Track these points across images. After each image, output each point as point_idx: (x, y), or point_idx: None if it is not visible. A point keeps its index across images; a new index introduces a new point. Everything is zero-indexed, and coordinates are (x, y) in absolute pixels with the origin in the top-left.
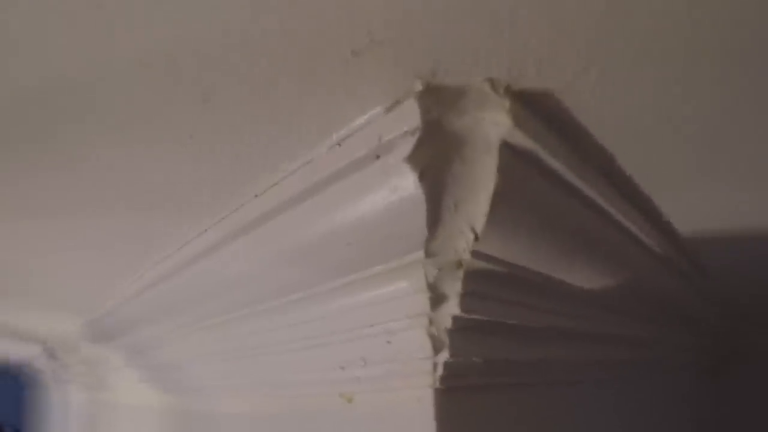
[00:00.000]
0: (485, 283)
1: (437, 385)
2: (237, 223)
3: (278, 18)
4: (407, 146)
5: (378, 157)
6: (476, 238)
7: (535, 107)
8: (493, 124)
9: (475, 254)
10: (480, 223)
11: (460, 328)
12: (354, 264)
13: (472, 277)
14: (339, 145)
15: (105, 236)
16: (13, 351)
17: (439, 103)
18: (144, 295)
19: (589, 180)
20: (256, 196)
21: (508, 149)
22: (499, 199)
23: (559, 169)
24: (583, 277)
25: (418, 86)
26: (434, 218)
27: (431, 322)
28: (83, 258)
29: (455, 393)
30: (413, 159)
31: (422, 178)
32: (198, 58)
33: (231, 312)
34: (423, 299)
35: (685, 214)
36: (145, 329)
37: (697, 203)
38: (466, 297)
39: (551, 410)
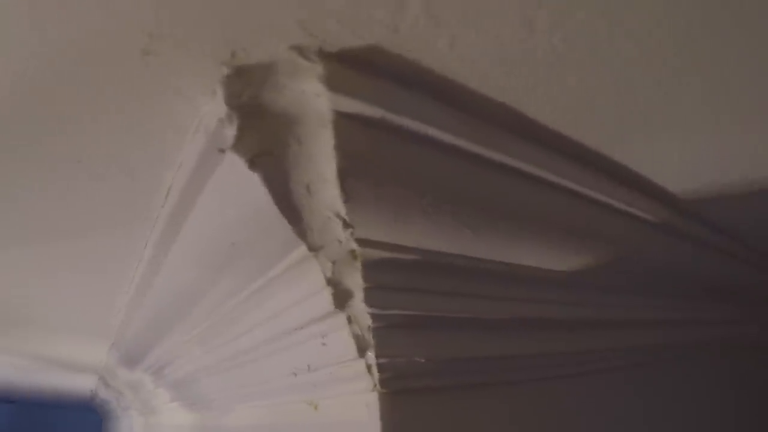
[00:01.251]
0: (393, 273)
1: (380, 388)
2: (159, 234)
3: (63, 32)
4: (231, 135)
5: (222, 150)
6: (346, 224)
7: (372, 66)
8: (314, 95)
9: (365, 242)
10: (339, 207)
11: (387, 325)
12: (253, 264)
13: (374, 268)
14: (192, 142)
15: (79, 258)
16: (78, 383)
17: (251, 84)
18: (133, 314)
19: (485, 140)
20: (161, 206)
21: (346, 119)
22: (347, 176)
23: (432, 132)
24: (538, 257)
25: (224, 71)
26: (288, 207)
27: (351, 320)
28: (74, 281)
29: (406, 397)
30: (239, 147)
31: (254, 165)
32: (32, 83)
33: (199, 323)
34: (326, 297)
35: (673, 170)
36: (152, 347)
37: (680, 154)
38: (371, 291)
39: (536, 411)
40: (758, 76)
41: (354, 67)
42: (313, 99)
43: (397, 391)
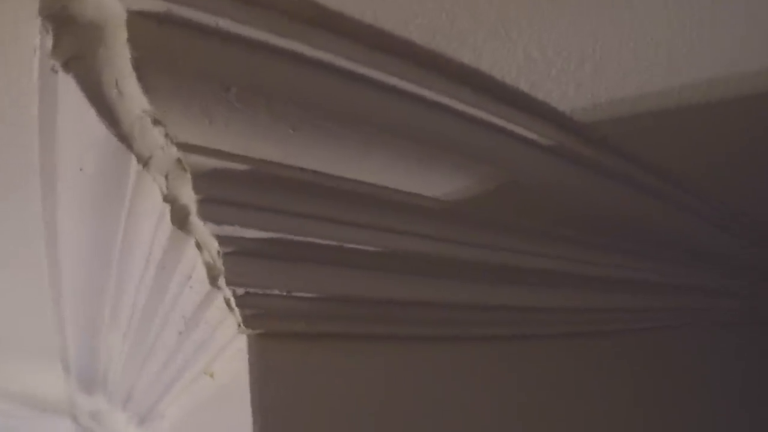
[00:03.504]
0: (227, 185)
1: (245, 328)
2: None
3: None
4: (49, 43)
5: (55, 70)
6: (155, 121)
7: None
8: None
9: (187, 147)
10: (144, 101)
11: (238, 251)
12: (105, 193)
13: (205, 179)
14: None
15: None
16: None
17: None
18: (62, 312)
19: (289, 34)
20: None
21: (137, 17)
22: (142, 67)
23: (225, 24)
24: (395, 176)
25: None
26: (103, 107)
27: (200, 246)
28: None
29: (278, 341)
30: (56, 52)
31: (67, 67)
32: None
33: (109, 297)
34: (167, 216)
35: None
36: (91, 354)
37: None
38: (205, 204)
39: (422, 375)
40: None
41: None
42: (107, 3)
43: (268, 334)
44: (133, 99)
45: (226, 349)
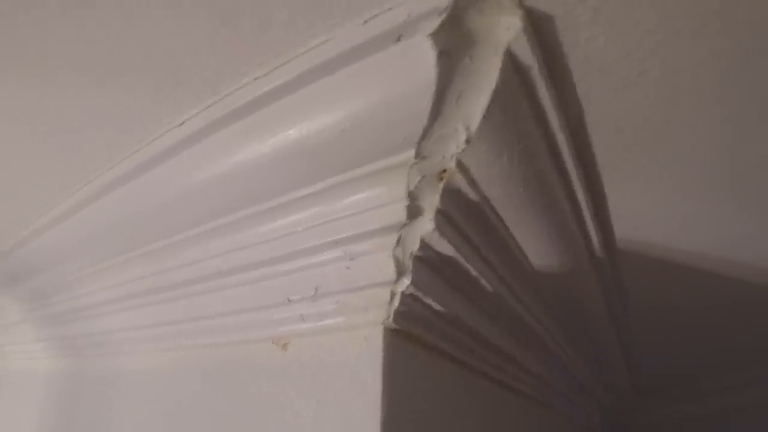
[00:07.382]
0: (458, 205)
1: (390, 321)
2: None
3: None
4: (433, 24)
5: (399, 38)
6: (468, 140)
7: (536, 27)
8: (504, 29)
9: (460, 166)
10: (476, 121)
11: (426, 258)
12: (342, 158)
13: (449, 194)
14: (365, 23)
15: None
16: None
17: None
18: (66, 222)
19: (564, 141)
20: (256, 79)
21: (511, 57)
22: (496, 99)
23: (547, 108)
24: (534, 244)
25: None
26: (437, 107)
27: (399, 242)
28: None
29: (407, 341)
30: (437, 37)
31: (440, 58)
32: None
33: (161, 239)
34: (400, 209)
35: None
36: (59, 265)
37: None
38: (440, 214)
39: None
40: None
41: (530, 21)
42: (501, 31)
43: (402, 332)
44: (464, 113)
45: (338, 333)
